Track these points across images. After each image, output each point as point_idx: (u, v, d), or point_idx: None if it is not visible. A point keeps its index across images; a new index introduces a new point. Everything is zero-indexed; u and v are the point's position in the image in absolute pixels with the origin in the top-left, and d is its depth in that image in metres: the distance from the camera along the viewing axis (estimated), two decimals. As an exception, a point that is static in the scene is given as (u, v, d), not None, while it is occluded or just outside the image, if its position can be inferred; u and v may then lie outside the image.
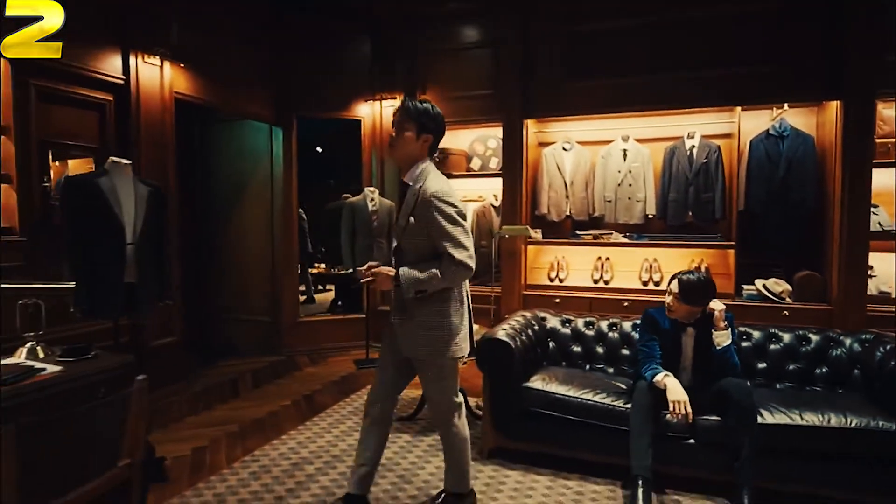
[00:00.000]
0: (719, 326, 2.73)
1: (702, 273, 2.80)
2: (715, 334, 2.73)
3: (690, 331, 2.81)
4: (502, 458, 3.04)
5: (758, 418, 2.51)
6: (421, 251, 2.17)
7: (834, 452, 2.44)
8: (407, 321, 2.23)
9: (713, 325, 2.74)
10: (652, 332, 2.85)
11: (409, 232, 2.18)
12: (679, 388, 2.60)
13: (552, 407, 2.87)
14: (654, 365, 2.73)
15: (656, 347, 2.81)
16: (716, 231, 4.79)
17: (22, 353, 2.20)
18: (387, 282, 2.17)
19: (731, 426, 2.54)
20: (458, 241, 2.11)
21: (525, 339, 3.16)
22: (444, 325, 2.20)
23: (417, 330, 2.20)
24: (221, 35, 4.71)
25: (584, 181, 5.19)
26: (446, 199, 2.12)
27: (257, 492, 2.74)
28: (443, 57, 5.43)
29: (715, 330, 2.74)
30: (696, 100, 4.66)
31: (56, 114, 3.53)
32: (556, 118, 5.22)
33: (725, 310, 2.79)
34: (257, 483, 2.82)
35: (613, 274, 5.08)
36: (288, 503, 2.63)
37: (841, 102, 4.27)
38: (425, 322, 2.19)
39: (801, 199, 4.52)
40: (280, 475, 2.91)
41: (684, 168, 4.80)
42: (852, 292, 4.21)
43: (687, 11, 4.59)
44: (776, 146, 4.58)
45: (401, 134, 2.20)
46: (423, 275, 2.13)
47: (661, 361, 2.76)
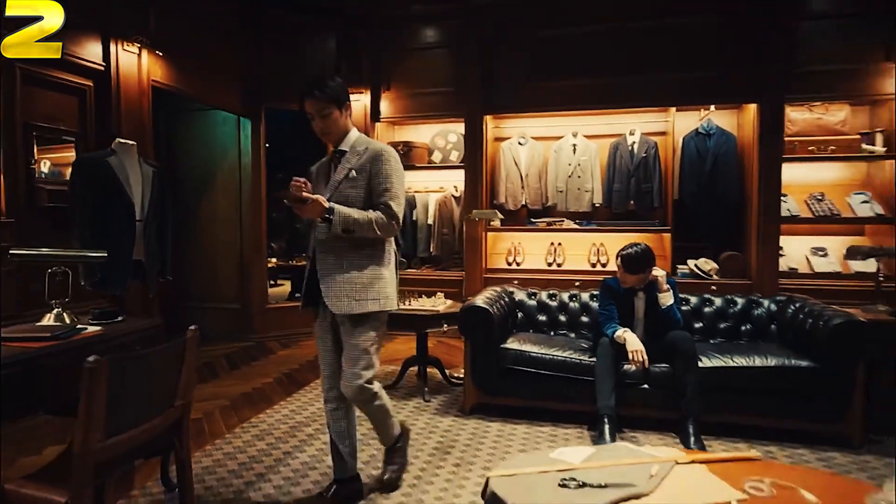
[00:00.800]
0: (662, 289, 3.22)
1: (640, 246, 3.26)
2: (660, 296, 3.22)
3: (641, 294, 3.29)
4: (483, 412, 3.41)
5: (699, 362, 3.01)
6: (352, 203, 2.18)
7: (758, 387, 2.98)
8: (336, 274, 2.19)
9: (658, 288, 3.23)
10: (609, 298, 3.31)
11: (346, 183, 2.20)
12: (636, 340, 3.06)
13: (527, 364, 3.27)
14: (614, 324, 3.19)
15: (614, 310, 3.27)
16: (654, 218, 5.38)
17: (50, 318, 2.34)
18: (316, 209, 2.08)
19: (677, 370, 3.02)
20: (398, 197, 2.22)
21: (498, 309, 3.54)
22: (371, 277, 2.22)
23: (349, 282, 2.18)
24: (195, 26, 4.81)
25: (537, 173, 5.65)
26: (396, 156, 2.25)
27: (263, 450, 2.96)
28: (407, 55, 5.74)
29: (659, 293, 3.23)
30: (636, 100, 5.23)
31: (39, 98, 3.57)
32: (512, 115, 5.66)
33: (667, 276, 3.29)
34: (262, 443, 3.05)
35: (565, 257, 5.58)
36: (295, 457, 2.87)
37: (758, 105, 4.95)
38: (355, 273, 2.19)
39: (726, 191, 5.18)
40: (281, 436, 3.14)
41: (626, 162, 5.36)
42: (767, 269, 4.90)
43: (631, 23, 5.14)
44: (704, 143, 5.22)
45: (329, 118, 2.21)
46: (357, 214, 2.14)
47: (619, 321, 3.22)
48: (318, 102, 2.20)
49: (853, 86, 4.85)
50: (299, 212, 2.10)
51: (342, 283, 2.20)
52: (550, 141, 5.65)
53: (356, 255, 2.22)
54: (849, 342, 2.87)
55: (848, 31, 4.82)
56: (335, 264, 2.21)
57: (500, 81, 5.48)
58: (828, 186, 5.17)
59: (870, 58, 4.78)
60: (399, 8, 5.64)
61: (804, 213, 5.08)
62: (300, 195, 2.07)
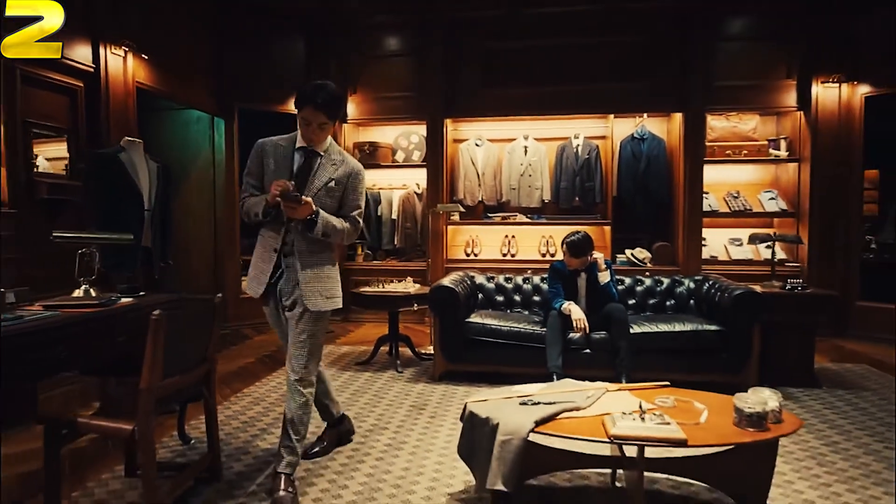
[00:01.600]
0: (601, 269, 3.82)
1: (581, 234, 3.84)
2: (599, 275, 3.82)
3: (583, 275, 3.88)
4: (450, 379, 3.92)
5: (630, 329, 3.62)
6: (328, 210, 2.34)
7: (677, 348, 3.63)
8: (310, 272, 2.33)
9: (598, 268, 3.83)
10: (557, 278, 3.89)
11: (324, 192, 2.34)
12: (579, 311, 3.65)
13: (488, 335, 3.80)
14: (560, 299, 3.76)
15: (560, 288, 3.84)
16: (596, 213, 6.03)
17: (79, 293, 2.68)
18: (306, 210, 2.21)
19: (612, 336, 3.62)
20: (362, 211, 2.47)
21: (462, 289, 4.05)
22: (335, 277, 2.44)
23: (320, 281, 2.34)
24: (173, 30, 5.10)
25: (493, 172, 6.21)
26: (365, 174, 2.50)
27: (260, 412, 3.36)
28: (372, 61, 6.18)
29: (599, 272, 3.82)
30: (580, 108, 5.87)
31: (35, 97, 3.82)
32: (470, 119, 6.20)
33: (605, 258, 3.89)
34: (258, 407, 3.45)
35: (518, 248, 6.16)
36: (289, 416, 3.28)
37: (683, 114, 5.68)
38: (325, 273, 2.37)
39: (657, 189, 5.90)
40: (274, 402, 3.55)
41: (572, 162, 6.00)
42: (692, 257, 5.63)
43: (575, 39, 5.78)
44: (639, 147, 5.92)
45: (324, 130, 2.32)
46: (336, 222, 2.32)
47: (565, 297, 3.80)
48: (322, 116, 2.25)
49: (762, 99, 5.65)
50: (292, 211, 2.20)
51: (316, 282, 2.34)
52: (504, 143, 6.21)
53: (327, 256, 2.40)
54: (746, 309, 3.55)
55: (757, 52, 5.61)
56: (311, 263, 2.34)
57: (459, 88, 6.01)
58: (742, 185, 5.97)
59: (775, 76, 5.60)
60: (365, 17, 6.08)
61: (723, 209, 5.85)
62: (298, 196, 2.18)
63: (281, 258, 2.37)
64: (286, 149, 2.41)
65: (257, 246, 2.45)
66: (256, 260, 2.44)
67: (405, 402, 3.56)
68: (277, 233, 2.36)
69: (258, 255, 2.44)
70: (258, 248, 2.45)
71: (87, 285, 2.70)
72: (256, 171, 2.41)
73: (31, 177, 3.72)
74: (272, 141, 2.44)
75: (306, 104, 2.26)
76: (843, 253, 5.49)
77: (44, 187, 3.71)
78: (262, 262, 2.41)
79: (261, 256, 2.42)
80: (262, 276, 2.40)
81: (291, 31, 6.06)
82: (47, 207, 3.77)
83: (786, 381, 3.71)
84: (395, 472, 2.58)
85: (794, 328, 3.75)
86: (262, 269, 2.40)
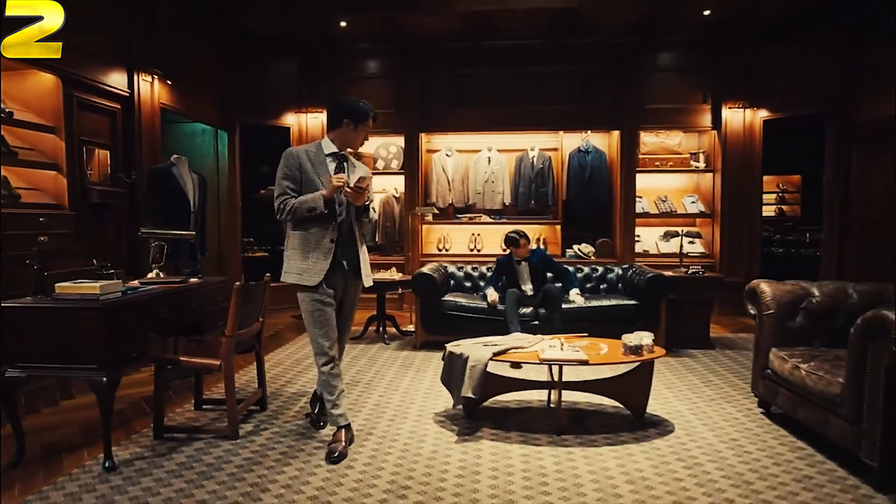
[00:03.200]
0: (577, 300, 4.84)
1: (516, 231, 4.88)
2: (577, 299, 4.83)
3: (524, 263, 4.89)
4: (428, 347, 4.90)
5: (562, 303, 4.66)
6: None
7: (604, 318, 4.69)
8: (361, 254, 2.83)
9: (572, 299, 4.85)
10: (499, 269, 4.93)
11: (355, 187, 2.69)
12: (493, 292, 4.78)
13: (459, 310, 4.80)
14: (489, 287, 4.82)
15: (497, 277, 4.91)
16: (549, 214, 7.10)
17: (152, 275, 3.55)
18: (364, 198, 2.70)
19: (548, 309, 4.66)
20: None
21: (438, 276, 5.03)
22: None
23: (367, 262, 2.88)
24: (188, 56, 5.92)
25: (461, 179, 7.21)
26: None
27: (287, 367, 4.26)
28: (356, 81, 7.09)
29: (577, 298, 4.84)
30: (535, 125, 6.92)
31: (85, 119, 4.62)
32: (442, 133, 7.18)
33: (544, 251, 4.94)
34: (280, 367, 4.35)
35: (483, 244, 7.18)
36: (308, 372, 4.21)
37: (620, 131, 6.80)
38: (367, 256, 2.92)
39: (599, 194, 7.00)
40: (291, 364, 4.45)
41: (528, 171, 7.05)
42: (627, 251, 6.76)
43: (532, 68, 6.82)
44: (584, 158, 7.02)
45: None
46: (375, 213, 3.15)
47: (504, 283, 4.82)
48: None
49: (684, 119, 6.82)
50: (356, 199, 2.67)
51: (365, 261, 2.87)
52: (471, 153, 7.22)
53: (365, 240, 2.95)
54: (656, 288, 4.65)
55: (680, 81, 6.77)
56: (360, 246, 2.84)
57: (432, 107, 6.99)
58: (669, 191, 7.14)
59: (693, 101, 6.77)
60: (350, 44, 6.99)
61: (653, 211, 6.99)
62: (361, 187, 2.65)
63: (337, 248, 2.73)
64: (317, 154, 2.79)
65: (302, 243, 2.73)
66: (307, 254, 2.72)
67: (394, 363, 4.52)
68: (327, 228, 2.71)
69: (308, 249, 2.72)
70: (305, 244, 2.72)
71: (157, 269, 3.58)
72: (293, 175, 2.72)
73: (85, 185, 4.52)
74: (301, 149, 2.82)
75: (367, 118, 2.82)
76: (747, 245, 6.70)
77: (94, 193, 4.52)
78: (317, 254, 2.71)
79: (315, 250, 2.71)
80: (317, 265, 2.70)
81: (286, 55, 6.93)
82: (96, 210, 4.58)
83: (687, 344, 4.84)
84: (394, 403, 3.55)
85: (694, 303, 4.87)
86: (317, 259, 2.71)
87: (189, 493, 2.40)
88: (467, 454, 2.77)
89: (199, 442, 2.92)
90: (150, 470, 2.62)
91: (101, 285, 2.61)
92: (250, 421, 3.24)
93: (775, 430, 3.07)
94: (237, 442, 2.92)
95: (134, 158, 5.02)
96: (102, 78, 4.73)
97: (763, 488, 2.41)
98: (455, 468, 2.62)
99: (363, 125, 2.82)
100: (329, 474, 2.57)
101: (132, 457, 2.75)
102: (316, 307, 2.75)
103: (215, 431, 3.04)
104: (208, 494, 2.38)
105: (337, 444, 2.74)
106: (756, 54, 6.53)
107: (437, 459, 2.71)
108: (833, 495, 2.35)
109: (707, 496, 2.35)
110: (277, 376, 4.12)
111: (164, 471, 2.60)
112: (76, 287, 2.62)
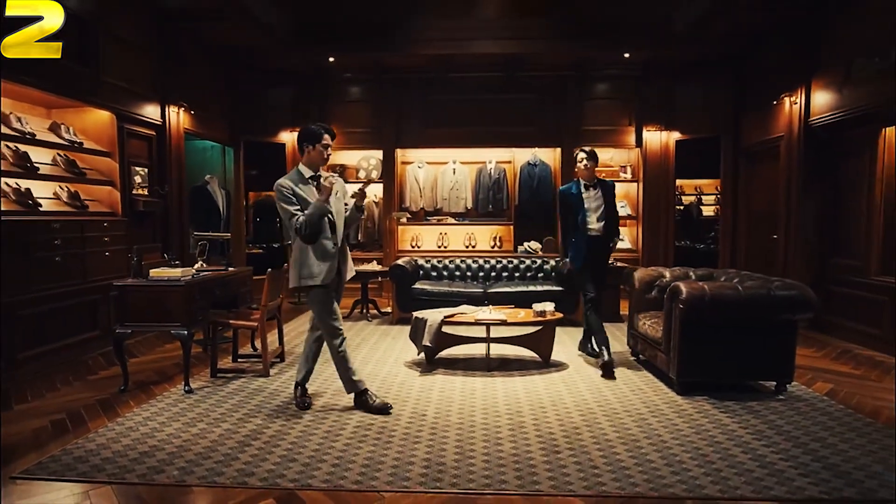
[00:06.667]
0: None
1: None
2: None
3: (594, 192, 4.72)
4: (402, 322, 6.25)
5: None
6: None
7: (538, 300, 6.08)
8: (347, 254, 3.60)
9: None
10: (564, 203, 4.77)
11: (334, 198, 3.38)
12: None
13: (427, 295, 6.18)
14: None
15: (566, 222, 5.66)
16: (504, 216, 8.51)
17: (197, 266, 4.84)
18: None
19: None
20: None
21: (410, 267, 6.40)
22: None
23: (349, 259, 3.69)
24: (204, 85, 7.17)
25: (431, 187, 8.58)
26: None
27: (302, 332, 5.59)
28: (342, 104, 8.41)
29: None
30: (493, 142, 8.32)
31: (131, 144, 5.87)
32: (414, 148, 8.54)
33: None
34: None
35: (448, 242, 8.57)
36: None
37: (561, 148, 8.24)
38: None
39: (545, 200, 8.44)
40: (290, 339, 5.78)
41: (487, 180, 8.45)
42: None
43: (489, 95, 8.22)
44: (533, 170, 8.45)
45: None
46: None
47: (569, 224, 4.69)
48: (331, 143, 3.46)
49: (614, 138, 8.30)
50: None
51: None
52: (439, 165, 8.60)
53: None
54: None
55: (610, 107, 8.24)
56: (346, 250, 3.62)
57: (406, 126, 8.35)
58: (603, 197, 8.60)
59: (621, 123, 8.25)
60: (338, 73, 8.30)
61: (590, 214, 8.44)
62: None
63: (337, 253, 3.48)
64: (300, 179, 3.39)
65: (315, 251, 3.37)
66: (320, 258, 3.37)
67: (375, 333, 5.89)
68: (330, 237, 3.42)
69: (320, 255, 3.37)
70: (317, 252, 3.37)
71: (201, 261, 4.89)
72: (291, 199, 3.32)
73: (132, 196, 5.77)
74: (288, 179, 3.36)
75: (321, 136, 3.36)
76: (664, 240, 8.21)
77: (140, 203, 5.78)
78: (328, 258, 3.39)
79: (324, 255, 3.38)
80: (330, 265, 3.39)
81: (283, 83, 8.22)
82: (140, 218, 5.84)
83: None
84: (377, 356, 4.92)
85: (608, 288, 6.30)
86: (329, 261, 3.39)
87: (241, 405, 3.73)
88: (425, 384, 4.15)
89: (242, 378, 4.26)
90: (214, 392, 3.95)
91: (182, 271, 3.92)
92: (276, 366, 4.58)
93: (636, 368, 4.53)
94: (268, 378, 4.26)
95: (165, 174, 6.29)
96: (143, 112, 5.98)
97: (612, 400, 3.83)
98: (416, 391, 4.00)
99: (320, 143, 3.34)
100: (334, 393, 3.92)
101: (199, 387, 4.07)
102: (328, 300, 3.47)
103: (253, 371, 4.38)
104: (254, 407, 3.71)
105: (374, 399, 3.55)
106: (670, 88, 8.04)
107: (404, 386, 4.09)
108: (652, 400, 3.79)
109: (577, 408, 3.76)
110: (288, 341, 5.46)
111: (224, 392, 3.94)
112: (164, 272, 3.93)
